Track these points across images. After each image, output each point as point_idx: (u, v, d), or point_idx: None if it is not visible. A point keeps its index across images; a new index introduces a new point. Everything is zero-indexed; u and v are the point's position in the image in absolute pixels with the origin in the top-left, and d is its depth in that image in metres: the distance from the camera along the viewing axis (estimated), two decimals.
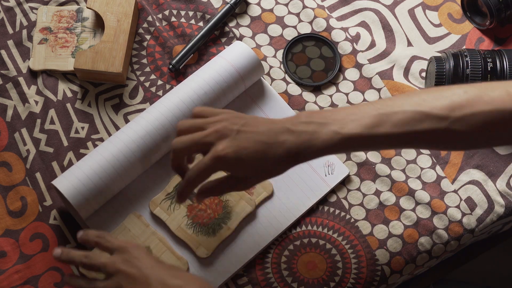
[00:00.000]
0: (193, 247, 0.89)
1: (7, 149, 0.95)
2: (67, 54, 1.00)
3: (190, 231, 0.90)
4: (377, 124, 0.73)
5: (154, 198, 0.91)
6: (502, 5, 0.98)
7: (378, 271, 0.91)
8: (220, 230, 0.90)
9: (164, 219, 0.90)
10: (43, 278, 0.89)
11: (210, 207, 0.91)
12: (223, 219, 0.90)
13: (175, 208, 0.91)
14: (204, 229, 0.90)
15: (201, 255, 0.89)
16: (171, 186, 0.92)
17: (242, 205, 0.91)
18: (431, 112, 0.72)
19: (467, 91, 0.72)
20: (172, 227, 0.90)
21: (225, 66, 0.94)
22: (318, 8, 1.04)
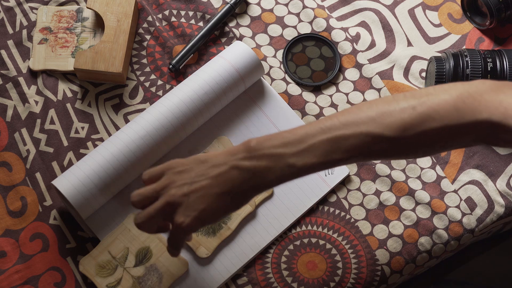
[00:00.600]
0: (193, 247, 0.89)
1: (7, 149, 0.96)
2: (67, 54, 1.00)
3: None
4: (329, 152, 0.72)
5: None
6: (502, 5, 0.98)
7: (378, 271, 0.91)
8: (220, 230, 0.90)
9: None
10: (43, 278, 0.89)
11: None
12: (223, 219, 0.90)
13: None
14: (204, 229, 0.90)
15: (201, 255, 0.89)
16: None
17: (242, 208, 0.91)
18: (383, 134, 0.71)
19: (415, 106, 0.72)
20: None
21: (225, 66, 0.94)
22: (318, 8, 1.04)
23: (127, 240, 0.89)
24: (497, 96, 0.70)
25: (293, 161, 0.72)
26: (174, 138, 0.92)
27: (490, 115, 0.70)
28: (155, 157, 0.92)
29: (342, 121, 0.73)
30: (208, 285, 0.88)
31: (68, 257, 0.90)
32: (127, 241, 0.89)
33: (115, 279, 0.87)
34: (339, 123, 0.73)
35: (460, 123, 0.71)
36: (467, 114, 0.71)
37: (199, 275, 0.89)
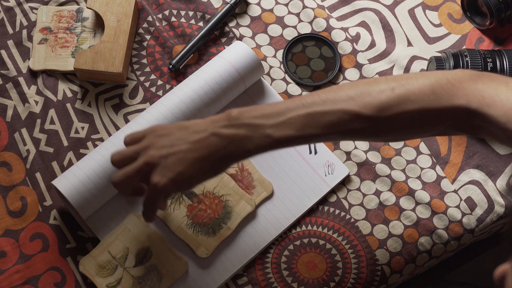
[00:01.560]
0: (193, 247, 0.89)
1: (7, 149, 0.95)
2: (67, 54, 1.00)
3: (190, 231, 0.90)
4: (307, 126, 0.74)
5: None
6: (502, 5, 0.98)
7: (378, 271, 0.91)
8: (220, 230, 0.90)
9: (164, 219, 0.90)
10: (43, 278, 0.89)
11: (210, 207, 0.91)
12: (223, 219, 0.90)
13: (175, 208, 0.91)
14: (204, 229, 0.90)
15: (201, 255, 0.89)
16: None
17: (242, 205, 0.91)
18: (360, 113, 0.73)
19: (393, 88, 0.73)
20: (172, 227, 0.90)
21: (225, 66, 0.94)
22: (318, 8, 1.04)
23: (127, 240, 0.89)
24: (475, 84, 0.72)
25: (271, 132, 0.74)
26: None
27: (468, 102, 0.71)
28: None
29: (322, 98, 0.74)
30: (208, 285, 0.88)
31: (68, 257, 0.90)
32: (127, 241, 0.89)
33: (115, 279, 0.87)
34: (319, 100, 0.74)
35: (436, 107, 0.72)
36: (444, 99, 0.72)
37: (199, 275, 0.89)
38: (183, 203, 0.91)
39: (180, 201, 0.91)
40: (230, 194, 0.91)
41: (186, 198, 0.91)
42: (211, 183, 0.92)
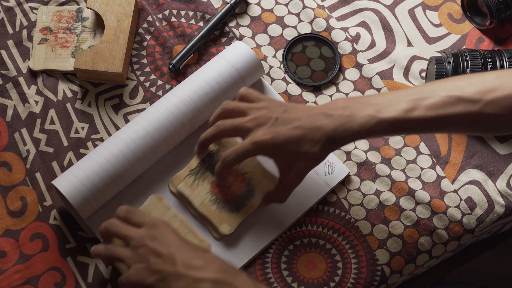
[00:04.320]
0: (217, 223, 0.89)
1: (7, 149, 0.96)
2: (67, 54, 1.00)
3: (213, 207, 0.90)
4: (412, 108, 0.77)
5: (177, 174, 0.91)
6: (502, 5, 0.98)
7: (378, 271, 0.91)
8: (243, 208, 0.90)
9: (188, 195, 0.90)
10: (43, 278, 0.89)
11: (234, 184, 0.91)
12: (246, 196, 0.91)
13: (199, 184, 0.91)
14: (227, 206, 0.90)
15: (224, 231, 0.89)
16: (195, 162, 0.92)
17: (265, 184, 0.91)
18: (463, 96, 0.76)
19: (498, 76, 0.76)
20: (196, 203, 0.90)
21: (225, 66, 0.94)
22: (318, 8, 1.04)
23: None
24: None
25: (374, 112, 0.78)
26: (174, 138, 0.92)
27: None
28: (155, 157, 0.92)
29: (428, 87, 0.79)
30: None
31: (68, 257, 0.90)
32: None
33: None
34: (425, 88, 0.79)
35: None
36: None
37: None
38: (207, 179, 0.91)
39: (204, 177, 0.91)
40: (253, 172, 0.92)
41: (210, 175, 0.91)
42: None
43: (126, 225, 0.82)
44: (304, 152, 0.80)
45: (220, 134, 0.86)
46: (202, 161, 0.92)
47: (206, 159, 0.92)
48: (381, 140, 0.97)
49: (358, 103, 0.79)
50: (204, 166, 0.91)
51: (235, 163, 0.84)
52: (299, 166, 0.82)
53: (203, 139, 0.88)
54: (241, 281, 0.75)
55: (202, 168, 0.91)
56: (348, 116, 0.78)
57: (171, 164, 0.94)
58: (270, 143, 0.80)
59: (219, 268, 0.76)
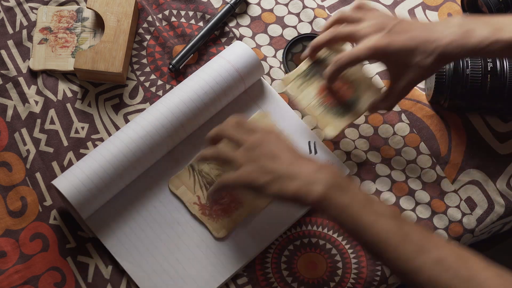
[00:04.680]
0: (321, 126, 0.91)
1: (7, 149, 0.96)
2: (67, 54, 1.00)
3: (319, 110, 0.91)
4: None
5: (286, 76, 0.93)
6: (502, 5, 0.98)
7: (378, 271, 0.91)
8: (348, 113, 0.91)
9: (295, 97, 0.92)
10: (43, 278, 0.89)
11: (341, 90, 0.92)
12: (352, 103, 0.91)
13: (306, 87, 0.92)
14: (333, 110, 0.91)
15: (329, 133, 0.90)
16: (304, 66, 0.93)
17: (370, 91, 0.92)
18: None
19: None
20: (303, 104, 0.92)
21: (225, 66, 0.94)
22: (318, 8, 1.04)
23: None
24: None
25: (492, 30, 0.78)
26: (174, 138, 0.92)
27: None
28: (155, 157, 0.92)
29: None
30: (208, 285, 0.88)
31: (68, 257, 0.90)
32: None
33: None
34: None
35: None
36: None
37: (199, 276, 0.89)
38: (315, 83, 0.92)
39: (312, 81, 0.93)
40: (360, 80, 0.92)
41: (318, 79, 0.92)
42: None
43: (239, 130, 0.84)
44: (416, 63, 0.81)
45: (335, 38, 0.87)
46: (311, 65, 0.93)
47: (315, 64, 0.93)
48: (381, 140, 0.97)
49: (475, 21, 0.80)
50: (313, 70, 0.93)
51: (347, 67, 0.85)
52: (410, 76, 0.83)
53: (316, 42, 0.89)
54: (353, 187, 0.77)
55: (311, 72, 0.93)
56: (464, 32, 0.79)
57: (171, 164, 0.94)
58: (384, 49, 0.81)
59: (333, 173, 0.77)
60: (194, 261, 0.90)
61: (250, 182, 0.79)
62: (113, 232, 0.90)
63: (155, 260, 0.89)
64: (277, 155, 0.79)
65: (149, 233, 0.91)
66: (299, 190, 0.76)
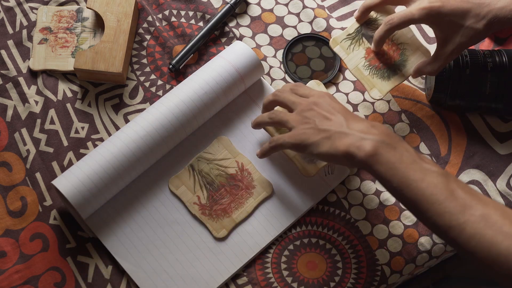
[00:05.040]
0: (368, 88, 0.92)
1: (7, 149, 0.96)
2: (67, 54, 1.00)
3: (366, 72, 0.93)
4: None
5: (335, 37, 0.94)
6: None
7: (378, 271, 0.91)
8: (395, 76, 0.92)
9: (343, 57, 0.93)
10: (43, 278, 0.89)
11: (388, 52, 0.93)
12: (399, 65, 0.92)
13: (354, 48, 0.93)
14: (380, 72, 0.92)
15: (375, 96, 0.92)
16: (352, 27, 0.94)
17: (418, 55, 0.93)
18: None
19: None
20: (350, 66, 0.93)
21: (225, 66, 0.94)
22: (318, 8, 1.04)
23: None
24: None
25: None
26: (174, 138, 0.92)
27: None
28: (155, 157, 0.92)
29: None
30: (208, 285, 0.89)
31: (68, 257, 0.90)
32: None
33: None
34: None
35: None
36: None
37: (199, 276, 0.89)
38: (363, 45, 0.93)
39: (360, 43, 0.93)
40: (408, 43, 0.93)
41: (365, 41, 0.93)
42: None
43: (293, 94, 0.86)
44: (468, 26, 0.81)
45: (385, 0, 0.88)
46: (360, 26, 0.94)
47: (364, 25, 0.94)
48: None
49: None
50: (361, 32, 0.94)
51: (398, 28, 0.85)
52: (459, 40, 0.83)
53: (368, 3, 0.90)
54: (403, 145, 0.77)
55: (359, 33, 0.94)
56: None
57: (171, 164, 0.94)
58: (437, 10, 0.81)
59: (383, 131, 0.78)
60: (194, 261, 0.90)
61: (302, 140, 0.81)
62: (113, 232, 0.90)
63: (155, 260, 0.89)
64: (329, 116, 0.81)
65: (149, 233, 0.91)
66: (350, 146, 0.77)
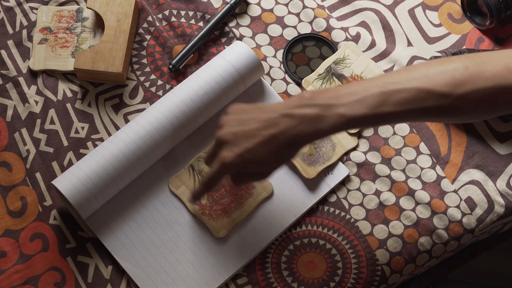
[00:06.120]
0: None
1: (7, 149, 0.96)
2: (67, 54, 1.00)
3: None
4: (380, 104, 0.73)
5: (307, 77, 0.98)
6: (502, 5, 0.98)
7: (378, 271, 0.91)
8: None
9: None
10: (43, 278, 0.89)
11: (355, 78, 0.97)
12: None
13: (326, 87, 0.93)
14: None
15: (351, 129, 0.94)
16: (322, 67, 0.98)
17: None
18: (433, 90, 0.73)
19: (467, 66, 0.73)
20: None
21: (225, 66, 0.94)
22: (318, 8, 1.04)
23: None
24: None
25: (343, 111, 0.74)
26: (174, 138, 0.92)
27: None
28: (155, 157, 0.92)
29: (396, 77, 0.74)
30: (208, 285, 0.89)
31: (68, 257, 0.90)
32: None
33: None
34: (393, 79, 0.74)
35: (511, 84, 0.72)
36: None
37: (199, 276, 0.89)
38: (333, 84, 0.97)
39: (330, 82, 0.96)
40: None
41: (336, 80, 0.96)
42: (359, 67, 0.99)
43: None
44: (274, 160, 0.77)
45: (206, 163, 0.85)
46: (329, 66, 0.98)
47: (333, 65, 0.98)
48: (381, 140, 0.97)
49: (325, 99, 0.75)
50: (331, 72, 0.98)
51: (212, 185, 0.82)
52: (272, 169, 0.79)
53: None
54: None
55: (329, 73, 0.98)
56: (315, 116, 0.74)
57: (171, 164, 0.94)
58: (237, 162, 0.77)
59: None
60: (194, 261, 0.90)
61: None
62: (113, 232, 0.90)
63: (155, 260, 0.89)
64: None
65: (149, 233, 0.91)
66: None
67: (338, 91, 0.75)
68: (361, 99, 0.73)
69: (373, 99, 0.73)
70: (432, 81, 0.73)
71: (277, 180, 0.94)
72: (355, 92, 0.74)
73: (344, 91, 0.75)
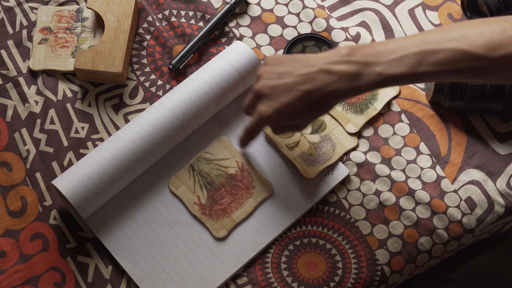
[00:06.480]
0: (343, 123, 0.96)
1: (7, 149, 0.96)
2: (67, 54, 1.00)
3: (339, 108, 0.97)
4: (418, 64, 0.74)
5: None
6: (502, 5, 0.98)
7: (378, 271, 0.91)
8: (367, 110, 0.97)
9: None
10: (43, 278, 0.89)
11: None
12: (370, 100, 0.97)
13: None
14: (352, 108, 0.97)
15: (350, 130, 0.96)
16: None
17: (388, 89, 0.97)
18: (471, 51, 0.73)
19: (505, 29, 0.74)
20: None
21: (225, 66, 0.94)
22: (318, 8, 1.04)
23: None
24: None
25: (381, 69, 0.75)
26: (174, 138, 0.92)
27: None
28: (155, 157, 0.92)
29: (434, 36, 0.75)
30: (208, 285, 0.89)
31: (68, 257, 0.90)
32: None
33: (293, 141, 0.94)
34: (431, 38, 0.75)
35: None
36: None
37: (199, 276, 0.89)
38: None
39: None
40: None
41: None
42: None
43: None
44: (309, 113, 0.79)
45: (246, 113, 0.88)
46: None
47: None
48: (381, 140, 0.97)
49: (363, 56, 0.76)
50: None
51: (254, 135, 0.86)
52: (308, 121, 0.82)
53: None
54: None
55: None
56: (353, 74, 0.75)
57: (171, 164, 0.94)
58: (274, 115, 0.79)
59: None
60: (194, 261, 0.90)
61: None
62: (113, 232, 0.90)
63: (155, 260, 0.89)
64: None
65: (149, 233, 0.91)
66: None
67: (375, 48, 0.76)
68: (399, 58, 0.74)
69: (411, 58, 0.74)
70: (470, 42, 0.74)
71: (277, 180, 0.94)
72: (393, 51, 0.75)
73: (382, 49, 0.75)
